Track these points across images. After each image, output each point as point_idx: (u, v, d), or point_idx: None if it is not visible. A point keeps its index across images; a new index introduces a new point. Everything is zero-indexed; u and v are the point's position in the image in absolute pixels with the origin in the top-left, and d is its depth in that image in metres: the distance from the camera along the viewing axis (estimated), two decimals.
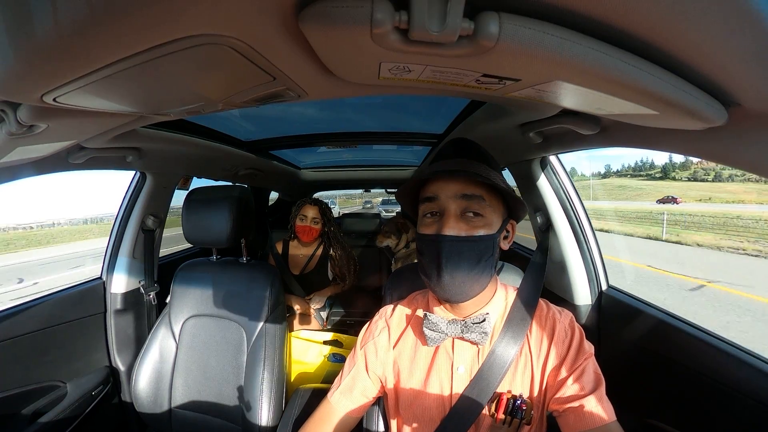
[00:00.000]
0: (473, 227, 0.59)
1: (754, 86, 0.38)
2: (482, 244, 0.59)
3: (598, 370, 0.61)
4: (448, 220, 0.59)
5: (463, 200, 0.59)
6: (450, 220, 0.59)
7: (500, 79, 0.42)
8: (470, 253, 0.59)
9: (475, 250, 0.59)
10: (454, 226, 0.59)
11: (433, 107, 1.29)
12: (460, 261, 0.58)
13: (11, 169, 0.85)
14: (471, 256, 0.59)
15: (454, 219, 0.59)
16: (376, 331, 0.76)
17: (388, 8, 0.29)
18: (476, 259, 0.59)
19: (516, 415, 0.61)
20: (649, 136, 0.62)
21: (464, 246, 0.58)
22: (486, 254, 0.60)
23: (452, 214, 0.59)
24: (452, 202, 0.60)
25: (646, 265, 9.56)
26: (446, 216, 0.59)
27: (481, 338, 0.63)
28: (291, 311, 1.75)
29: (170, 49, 0.33)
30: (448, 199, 0.60)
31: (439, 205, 0.61)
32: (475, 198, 0.59)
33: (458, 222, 0.59)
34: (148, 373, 1.18)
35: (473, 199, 0.59)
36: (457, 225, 0.59)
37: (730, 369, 0.72)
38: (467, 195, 0.59)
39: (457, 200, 0.60)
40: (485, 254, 0.60)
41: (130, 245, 1.43)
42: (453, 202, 0.60)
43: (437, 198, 0.61)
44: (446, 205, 0.60)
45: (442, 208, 0.60)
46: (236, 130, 1.44)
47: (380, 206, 15.42)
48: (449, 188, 0.60)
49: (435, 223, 0.61)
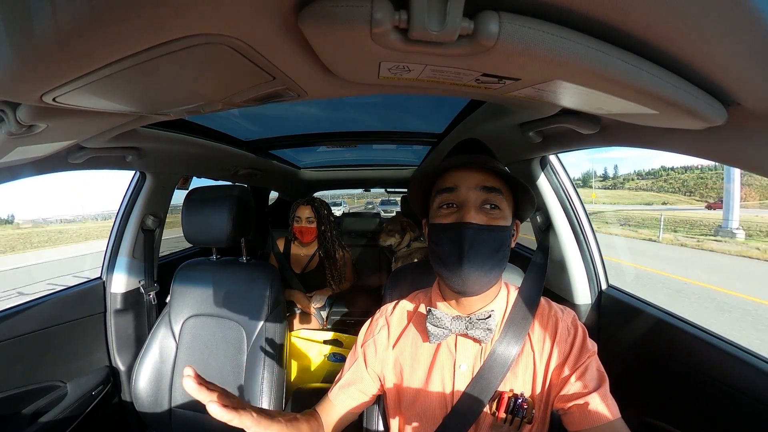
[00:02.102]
0: (492, 218, 0.60)
1: (754, 86, 0.38)
2: (502, 234, 0.60)
3: (601, 367, 0.61)
4: (470, 209, 0.59)
5: (483, 192, 0.60)
6: (471, 210, 0.59)
7: (500, 78, 0.42)
8: (491, 241, 0.59)
9: (495, 240, 0.59)
10: (475, 215, 0.59)
11: (432, 107, 1.29)
12: (481, 249, 0.58)
13: (11, 169, 0.85)
14: (492, 244, 0.59)
15: (475, 209, 0.59)
16: (376, 329, 0.76)
17: (387, 8, 0.29)
18: (496, 248, 0.59)
19: (517, 414, 0.61)
20: (649, 135, 0.62)
21: (486, 234, 0.59)
22: (504, 244, 0.61)
23: (473, 204, 0.60)
24: (473, 193, 0.60)
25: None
26: (467, 206, 0.60)
27: (485, 335, 0.63)
28: (291, 310, 1.75)
29: (170, 48, 0.33)
30: (469, 190, 0.60)
31: (459, 195, 0.61)
32: (494, 191, 0.60)
33: (478, 213, 0.60)
34: (148, 373, 1.18)
35: (493, 191, 0.60)
36: (477, 215, 0.59)
37: (729, 368, 0.72)
38: (487, 187, 0.60)
39: (477, 192, 0.60)
40: (504, 244, 0.61)
41: (130, 245, 1.43)
42: (474, 193, 0.60)
43: (457, 189, 0.61)
44: (467, 196, 0.60)
45: (462, 198, 0.61)
46: (236, 129, 1.44)
47: (380, 206, 15.45)
48: (471, 179, 0.61)
49: (453, 214, 0.61)
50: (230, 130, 1.42)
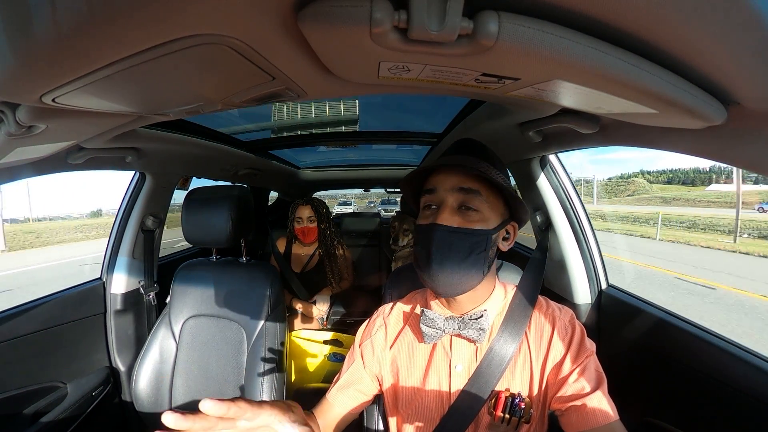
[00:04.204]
0: (468, 221, 0.60)
1: (753, 85, 0.38)
2: (474, 238, 0.59)
3: (599, 368, 0.61)
4: (444, 211, 0.60)
5: (460, 194, 0.60)
6: (445, 212, 0.60)
7: (500, 78, 0.42)
8: (460, 244, 0.59)
9: (465, 243, 0.59)
10: (448, 218, 0.59)
11: (432, 106, 1.29)
12: (449, 252, 0.59)
13: (10, 170, 0.85)
14: (461, 247, 0.59)
15: (449, 211, 0.60)
16: (373, 329, 0.76)
17: (387, 8, 0.29)
18: (466, 251, 0.59)
19: (515, 414, 0.61)
20: (649, 134, 0.62)
21: (455, 237, 0.59)
22: (477, 248, 0.60)
23: (448, 206, 0.60)
24: (449, 194, 0.61)
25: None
26: (442, 207, 0.61)
27: (478, 335, 0.63)
28: (292, 311, 1.75)
29: (169, 48, 0.33)
30: (445, 192, 0.61)
31: (438, 197, 0.62)
32: (471, 192, 0.60)
33: (453, 215, 0.60)
34: (148, 374, 1.18)
35: (470, 193, 0.60)
36: (451, 217, 0.60)
37: (729, 367, 0.72)
38: (464, 188, 0.60)
39: (454, 193, 0.61)
40: (476, 248, 0.60)
41: (130, 245, 1.43)
42: (450, 194, 0.61)
43: (436, 190, 0.62)
44: (443, 197, 0.61)
45: (440, 200, 0.62)
46: (236, 129, 1.44)
47: (380, 206, 15.45)
48: (448, 181, 0.61)
49: (432, 215, 0.62)
50: (230, 130, 1.42)
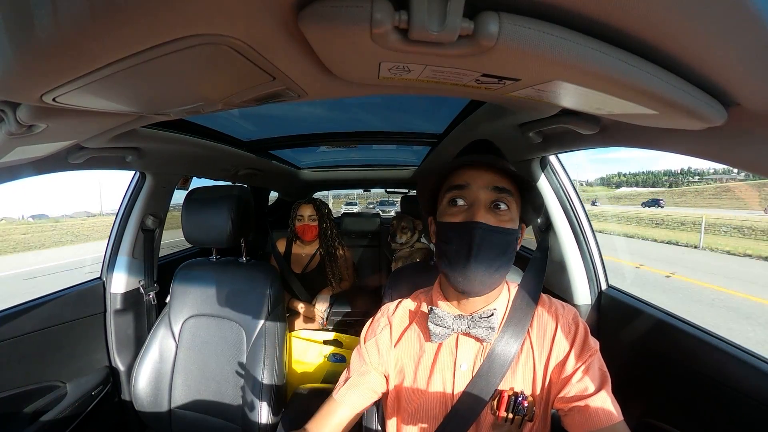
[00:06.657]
0: (500, 220, 0.60)
1: (753, 86, 0.38)
2: (508, 237, 0.60)
3: (603, 367, 0.60)
4: (480, 209, 0.59)
5: (494, 192, 0.60)
6: (482, 210, 0.59)
7: (500, 78, 0.42)
8: (500, 243, 0.59)
9: (502, 241, 0.59)
10: (485, 215, 0.59)
11: (432, 107, 1.28)
12: (490, 250, 0.58)
13: (10, 170, 0.85)
14: (500, 246, 0.59)
15: (485, 209, 0.59)
16: (378, 328, 0.76)
17: (387, 8, 0.29)
18: (501, 250, 0.59)
19: (518, 412, 0.61)
20: (649, 135, 0.62)
21: (495, 235, 0.59)
22: (510, 248, 0.61)
23: (483, 204, 0.60)
24: (484, 192, 0.60)
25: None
26: (477, 205, 0.59)
27: (487, 334, 0.63)
28: (292, 312, 1.75)
29: (170, 48, 0.33)
30: (480, 189, 0.60)
31: (469, 194, 0.61)
32: (505, 192, 0.60)
33: (488, 213, 0.59)
34: (147, 373, 1.18)
35: (503, 192, 0.60)
36: (487, 215, 0.59)
37: (729, 368, 0.72)
38: (499, 187, 0.60)
39: (488, 191, 0.60)
40: (509, 247, 0.60)
41: (130, 245, 1.43)
42: (484, 192, 0.60)
43: (468, 186, 0.61)
44: (477, 195, 0.60)
45: (473, 197, 0.60)
46: (236, 129, 1.44)
47: (378, 206, 15.46)
48: (483, 178, 0.60)
49: (462, 213, 0.61)
50: (230, 130, 1.42)
